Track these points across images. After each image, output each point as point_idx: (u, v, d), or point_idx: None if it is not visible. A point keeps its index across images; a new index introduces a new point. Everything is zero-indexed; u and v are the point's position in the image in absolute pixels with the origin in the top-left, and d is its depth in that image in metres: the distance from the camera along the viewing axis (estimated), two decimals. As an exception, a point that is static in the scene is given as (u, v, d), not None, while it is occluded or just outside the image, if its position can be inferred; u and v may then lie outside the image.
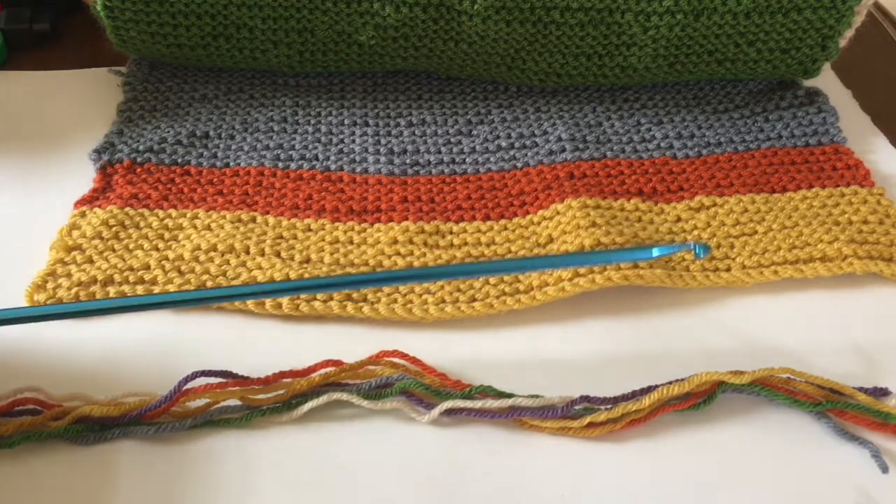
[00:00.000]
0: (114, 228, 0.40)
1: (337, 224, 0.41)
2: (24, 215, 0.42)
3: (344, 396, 0.32)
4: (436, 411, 0.32)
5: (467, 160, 0.46)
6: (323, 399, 0.32)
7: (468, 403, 0.32)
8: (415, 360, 0.34)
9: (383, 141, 0.47)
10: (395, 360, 0.34)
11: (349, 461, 0.32)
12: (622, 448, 0.32)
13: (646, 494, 0.31)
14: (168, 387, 0.32)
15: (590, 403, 0.33)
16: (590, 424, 0.32)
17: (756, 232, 0.41)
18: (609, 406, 0.33)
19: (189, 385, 0.32)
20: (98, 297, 0.36)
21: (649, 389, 0.33)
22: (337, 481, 0.31)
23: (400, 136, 0.47)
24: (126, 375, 0.34)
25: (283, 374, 0.33)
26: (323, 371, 0.33)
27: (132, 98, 0.48)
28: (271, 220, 0.41)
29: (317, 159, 0.45)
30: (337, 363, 0.34)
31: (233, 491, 0.30)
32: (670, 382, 0.33)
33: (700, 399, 0.33)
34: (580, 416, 0.32)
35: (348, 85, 0.51)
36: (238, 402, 0.33)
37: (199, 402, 0.32)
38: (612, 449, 0.32)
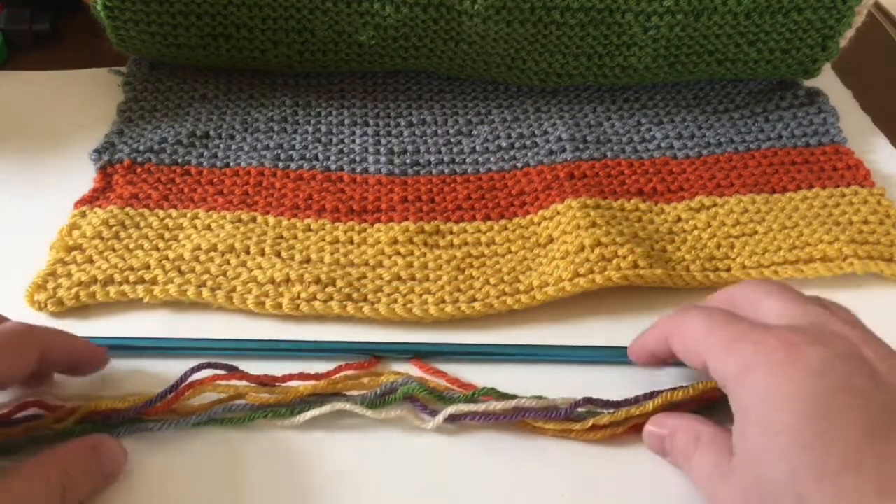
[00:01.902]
0: (114, 228, 0.40)
1: (337, 224, 0.41)
2: (24, 215, 0.42)
3: (347, 407, 0.32)
4: (440, 417, 0.32)
5: (467, 160, 0.46)
6: (326, 409, 0.32)
7: (472, 407, 0.32)
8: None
9: (383, 141, 0.47)
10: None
11: (351, 459, 0.32)
12: (625, 451, 0.32)
13: (648, 499, 0.31)
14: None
15: (593, 406, 0.32)
16: (593, 427, 0.32)
17: (756, 232, 0.41)
18: (612, 409, 0.32)
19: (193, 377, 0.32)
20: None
21: (653, 395, 0.32)
22: (338, 480, 0.31)
23: (400, 136, 0.47)
24: (126, 376, 0.34)
25: (291, 377, 0.33)
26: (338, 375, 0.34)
27: (132, 98, 0.48)
28: (271, 219, 0.41)
29: (317, 159, 0.45)
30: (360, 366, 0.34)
31: (235, 492, 0.30)
32: (675, 388, 0.32)
33: (705, 405, 0.32)
34: (583, 418, 0.32)
35: (348, 85, 0.51)
36: (242, 402, 0.33)
37: (204, 400, 0.32)
38: (615, 453, 0.32)
